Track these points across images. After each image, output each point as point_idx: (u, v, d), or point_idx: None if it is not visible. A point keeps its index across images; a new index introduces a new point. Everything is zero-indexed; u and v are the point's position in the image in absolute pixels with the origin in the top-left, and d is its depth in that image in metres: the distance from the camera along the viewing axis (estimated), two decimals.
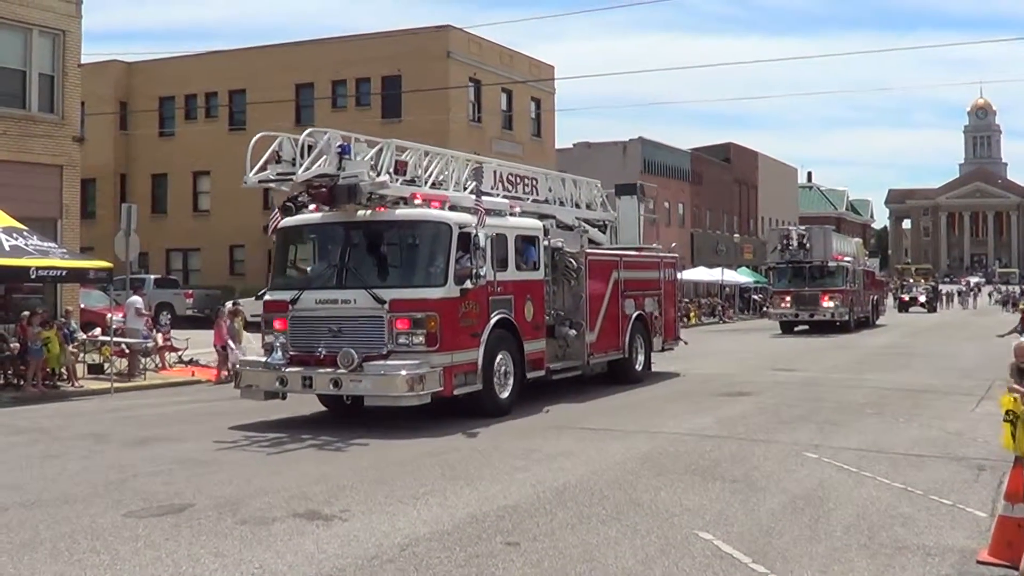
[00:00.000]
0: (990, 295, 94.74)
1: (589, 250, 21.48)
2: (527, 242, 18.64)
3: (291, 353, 16.06)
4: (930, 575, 8.03)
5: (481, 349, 16.49)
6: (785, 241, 47.13)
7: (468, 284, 15.91)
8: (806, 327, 45.94)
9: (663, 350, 24.93)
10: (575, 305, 20.39)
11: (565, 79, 62.05)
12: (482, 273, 15.96)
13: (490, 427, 15.65)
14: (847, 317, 45.91)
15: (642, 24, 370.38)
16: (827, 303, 45.22)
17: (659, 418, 16.85)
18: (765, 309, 55.87)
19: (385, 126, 42.68)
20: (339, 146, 16.14)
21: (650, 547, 8.72)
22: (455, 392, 15.93)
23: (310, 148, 16.21)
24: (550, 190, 22.41)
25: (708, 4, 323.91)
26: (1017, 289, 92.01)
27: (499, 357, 17.05)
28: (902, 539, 8.96)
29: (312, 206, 16.65)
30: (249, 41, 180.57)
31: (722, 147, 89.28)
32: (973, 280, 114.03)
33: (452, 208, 17.10)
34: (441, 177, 18.48)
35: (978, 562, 8.16)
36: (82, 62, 30.22)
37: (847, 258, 48.45)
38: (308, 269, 17.63)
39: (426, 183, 17.85)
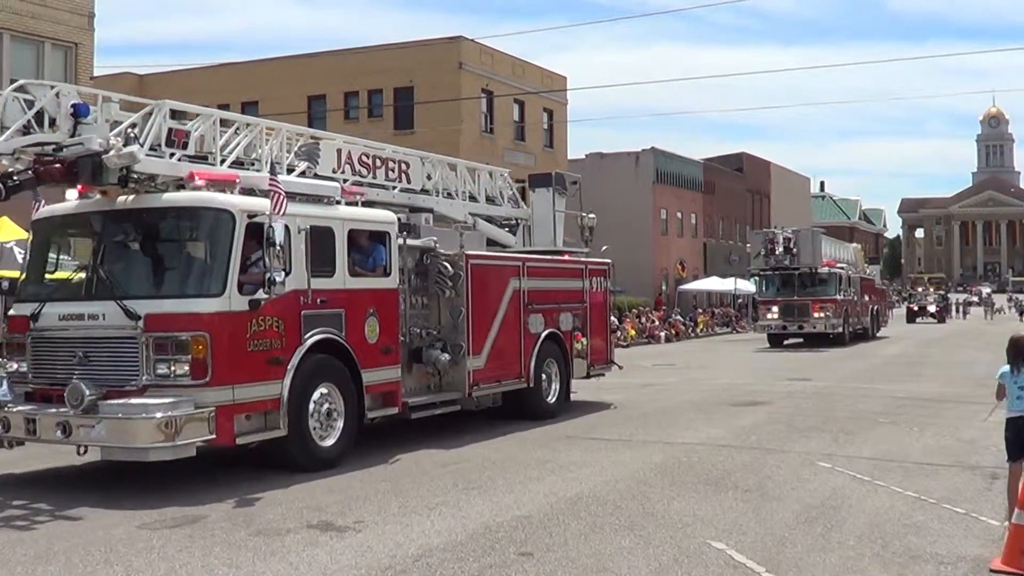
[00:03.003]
0: (1009, 301, 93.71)
1: (472, 252, 16.75)
2: (372, 239, 14.44)
3: (32, 386, 12.45)
4: None
5: (286, 381, 12.38)
6: (770, 246, 43.12)
7: (261, 294, 11.85)
8: (800, 339, 42.75)
9: (589, 376, 20.35)
10: (453, 322, 16.18)
11: (577, 90, 62.56)
12: (279, 279, 11.67)
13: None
14: (840, 329, 42.54)
15: (654, 35, 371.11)
16: (818, 314, 41.69)
17: (672, 428, 16.84)
18: None
19: (397, 137, 42.73)
20: (72, 105, 12.14)
21: (663, 557, 8.72)
22: (239, 440, 11.98)
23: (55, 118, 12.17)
24: (429, 178, 18.10)
25: (720, 15, 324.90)
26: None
27: (319, 392, 12.95)
28: (915, 548, 8.94)
29: (74, 192, 12.88)
30: (261, 53, 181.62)
31: (735, 157, 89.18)
32: (985, 290, 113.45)
33: (248, 192, 12.72)
34: (254, 155, 14.48)
35: (991, 571, 8.15)
36: (94, 75, 30.43)
37: (841, 264, 45.33)
38: (66, 274, 13.43)
39: (223, 162, 13.78)
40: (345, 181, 15.37)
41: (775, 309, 42.91)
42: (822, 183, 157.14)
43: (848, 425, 16.94)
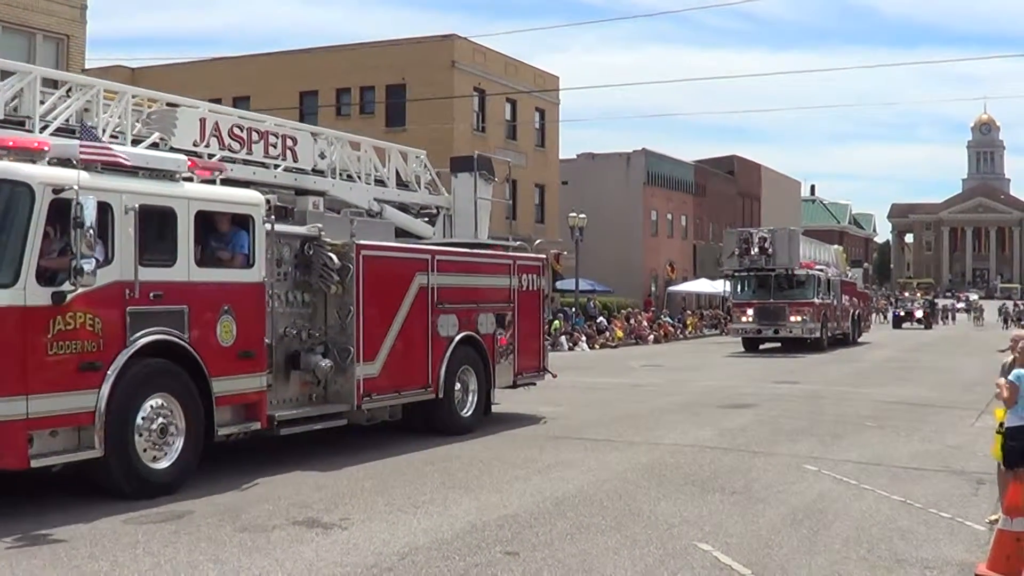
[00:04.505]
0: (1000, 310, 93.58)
1: (365, 242, 14.23)
2: (231, 224, 12.09)
3: None
4: None
5: (103, 391, 10.26)
6: (744, 245, 41.24)
7: (67, 285, 9.86)
8: (778, 344, 41.06)
9: (516, 385, 17.96)
10: (341, 323, 13.84)
11: (570, 90, 62.41)
12: (88, 267, 9.68)
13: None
14: (818, 334, 40.62)
15: (646, 37, 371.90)
16: (795, 317, 39.92)
17: (660, 430, 16.83)
18: None
19: (389, 134, 42.61)
20: None
21: (649, 557, 8.72)
22: (36, 463, 9.88)
23: None
24: (322, 156, 16.07)
25: (713, 18, 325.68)
26: (1010, 304, 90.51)
27: (149, 404, 10.80)
28: (901, 552, 8.96)
29: None
30: (254, 48, 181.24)
31: (726, 160, 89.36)
32: (972, 296, 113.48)
33: (61, 162, 10.50)
34: (91, 123, 12.45)
35: (976, 575, 8.17)
36: (86, 67, 30.33)
37: (820, 266, 43.41)
38: None
39: (44, 129, 11.92)
40: (211, 156, 13.43)
41: (750, 312, 41.09)
42: (812, 187, 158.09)
43: (835, 428, 16.96)
